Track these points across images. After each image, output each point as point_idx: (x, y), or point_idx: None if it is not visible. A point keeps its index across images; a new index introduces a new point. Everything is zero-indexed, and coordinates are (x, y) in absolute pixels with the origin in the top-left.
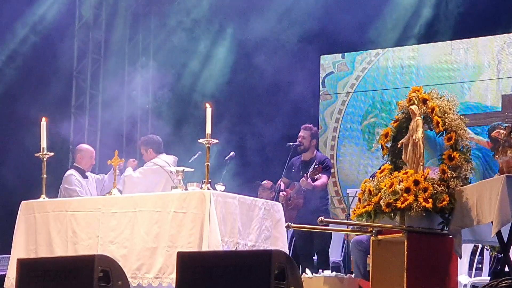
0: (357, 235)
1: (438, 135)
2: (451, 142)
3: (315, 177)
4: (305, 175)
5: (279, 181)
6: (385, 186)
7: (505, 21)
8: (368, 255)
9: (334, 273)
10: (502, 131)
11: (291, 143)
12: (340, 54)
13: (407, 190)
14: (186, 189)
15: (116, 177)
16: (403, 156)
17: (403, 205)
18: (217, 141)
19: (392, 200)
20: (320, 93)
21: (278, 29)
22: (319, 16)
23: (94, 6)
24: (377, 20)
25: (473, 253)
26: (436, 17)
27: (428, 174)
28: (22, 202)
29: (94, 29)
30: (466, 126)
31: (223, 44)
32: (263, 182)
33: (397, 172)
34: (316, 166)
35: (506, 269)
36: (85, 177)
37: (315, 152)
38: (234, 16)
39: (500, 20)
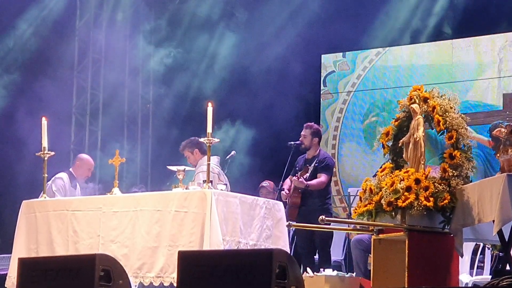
0: (358, 233)
1: (439, 134)
2: (452, 140)
3: (305, 176)
4: (296, 175)
5: (288, 179)
6: (386, 185)
7: (506, 20)
8: (369, 254)
9: (335, 272)
10: (503, 129)
11: (292, 142)
12: (341, 53)
13: (408, 189)
14: (187, 188)
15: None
16: (404, 155)
17: (404, 204)
18: (218, 140)
19: (393, 199)
20: (321, 92)
21: (279, 28)
22: (320, 15)
23: (95, 5)
24: (378, 19)
25: (474, 252)
26: (437, 16)
27: (429, 172)
28: (23, 201)
29: (94, 29)
30: (467, 124)
31: (225, 43)
32: (264, 184)
33: (398, 171)
34: (303, 166)
35: (508, 267)
36: (75, 185)
37: (318, 151)
38: (235, 16)
39: (502, 19)
